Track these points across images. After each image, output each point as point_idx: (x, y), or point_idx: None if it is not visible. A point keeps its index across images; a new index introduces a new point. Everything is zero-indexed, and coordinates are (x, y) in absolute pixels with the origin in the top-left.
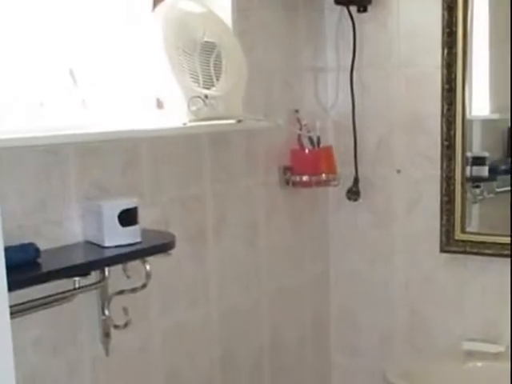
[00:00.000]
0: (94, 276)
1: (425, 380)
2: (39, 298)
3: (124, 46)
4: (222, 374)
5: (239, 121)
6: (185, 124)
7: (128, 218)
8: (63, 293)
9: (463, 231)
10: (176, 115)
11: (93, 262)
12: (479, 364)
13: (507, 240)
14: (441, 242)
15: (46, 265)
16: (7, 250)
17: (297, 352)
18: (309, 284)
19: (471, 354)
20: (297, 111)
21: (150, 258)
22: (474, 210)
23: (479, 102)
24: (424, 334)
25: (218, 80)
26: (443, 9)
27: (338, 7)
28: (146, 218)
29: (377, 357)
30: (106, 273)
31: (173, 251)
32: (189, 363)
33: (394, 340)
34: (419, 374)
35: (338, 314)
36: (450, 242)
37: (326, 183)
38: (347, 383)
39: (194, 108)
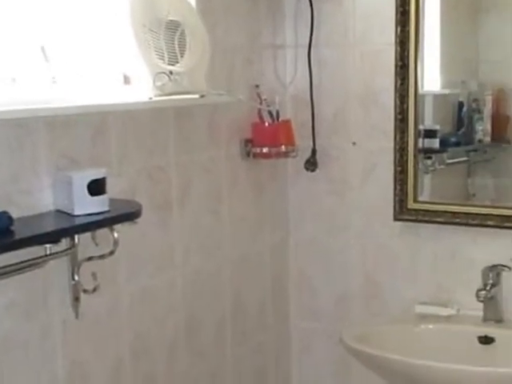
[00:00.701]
0: (65, 243)
1: (379, 342)
2: (12, 264)
3: (93, 24)
4: (186, 337)
5: (202, 96)
6: (151, 98)
7: (97, 187)
8: (35, 259)
9: (415, 200)
10: (142, 90)
11: (63, 230)
12: (431, 326)
13: (457, 208)
14: (394, 210)
15: (19, 232)
16: None
17: (258, 316)
18: (269, 251)
19: (423, 317)
20: (257, 86)
21: (118, 226)
22: (426, 180)
23: (431, 77)
24: (378, 299)
25: (182, 57)
26: None
27: None
28: (113, 188)
29: (334, 320)
30: (76, 240)
31: (139, 220)
32: (155, 326)
33: (350, 304)
34: (374, 336)
35: (296, 279)
36: (403, 211)
37: (285, 155)
38: (306, 345)
39: (159, 83)
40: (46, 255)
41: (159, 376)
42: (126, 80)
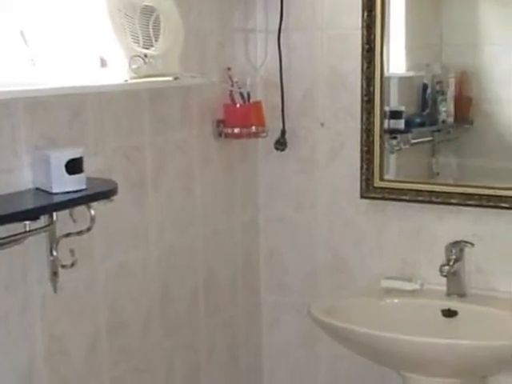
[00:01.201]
0: (43, 220)
1: (346, 315)
2: None
3: (71, 9)
4: (160, 310)
5: (176, 78)
6: (126, 81)
7: (74, 166)
8: (15, 235)
9: (381, 179)
10: (118, 73)
11: (42, 207)
12: (396, 300)
13: (422, 187)
14: (361, 189)
15: None
16: None
17: (229, 290)
18: (240, 227)
19: (389, 291)
20: (229, 69)
21: (95, 204)
22: (392, 160)
23: (396, 60)
24: (345, 273)
25: (156, 40)
26: None
27: None
28: (90, 167)
29: (302, 294)
30: (54, 217)
31: (115, 198)
32: (130, 300)
33: (318, 279)
34: (341, 310)
35: (266, 255)
36: (369, 189)
37: (256, 135)
38: (275, 318)
39: (134, 66)
40: (26, 232)
41: (134, 348)
42: (103, 63)
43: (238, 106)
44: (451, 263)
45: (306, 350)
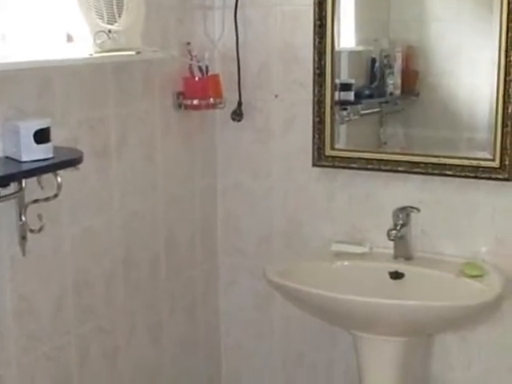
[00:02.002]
0: (13, 187)
1: (299, 277)
2: None
3: None
4: (123, 272)
5: (138, 52)
6: (91, 55)
7: (42, 136)
8: None
9: (332, 148)
10: (84, 48)
11: (11, 175)
12: (346, 263)
13: (371, 155)
14: (313, 157)
15: None
16: None
17: (188, 253)
18: (199, 194)
19: (339, 255)
20: (188, 44)
21: (61, 172)
22: (342, 130)
23: (346, 35)
24: (298, 238)
25: (119, 17)
26: None
27: None
28: (57, 137)
29: (258, 257)
30: (23, 184)
31: (81, 166)
32: (95, 263)
33: (272, 243)
34: (294, 272)
35: (224, 220)
36: (321, 158)
37: (214, 106)
38: (232, 280)
39: (99, 41)
40: None
41: (99, 308)
42: (69, 38)
43: (196, 78)
44: (398, 228)
45: (260, 311)
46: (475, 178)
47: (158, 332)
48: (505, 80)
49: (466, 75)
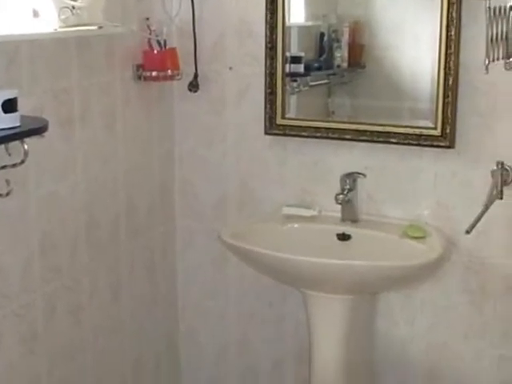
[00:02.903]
0: None
1: (252, 238)
2: None
3: None
4: (86, 234)
5: (100, 27)
6: (56, 30)
7: (10, 106)
8: None
9: (283, 117)
10: (49, 22)
11: None
12: (296, 225)
13: (319, 124)
14: (265, 126)
15: None
16: None
17: (148, 216)
18: (157, 161)
19: (289, 217)
20: (147, 19)
21: (28, 139)
22: (292, 100)
23: (297, 11)
24: (251, 202)
25: None
26: None
27: None
28: (24, 107)
29: (213, 221)
30: None
31: (46, 134)
32: (60, 225)
33: (227, 206)
34: (247, 234)
35: (181, 185)
36: (272, 126)
37: (171, 78)
38: (189, 242)
39: (63, 17)
40: None
41: (64, 268)
42: (35, 14)
43: (155, 52)
44: (345, 192)
45: (216, 270)
46: (418, 145)
47: (118, 290)
48: (446, 53)
49: (410, 48)
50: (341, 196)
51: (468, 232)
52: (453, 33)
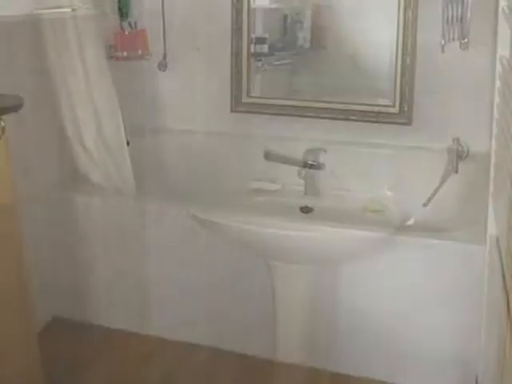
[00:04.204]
0: None
1: (223, 212)
2: None
3: None
4: None
5: (74, 9)
6: (31, 11)
7: None
8: None
9: (249, 96)
10: (26, 4)
11: None
12: (262, 199)
13: (283, 102)
14: (231, 104)
15: None
16: None
17: None
18: (128, 137)
19: (256, 191)
20: (119, 2)
21: (4, 116)
22: (257, 80)
23: None
24: (221, 177)
25: None
26: None
27: None
28: (1, 85)
29: (184, 195)
30: None
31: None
32: None
33: (197, 181)
34: (219, 208)
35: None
36: (238, 104)
37: (142, 57)
38: (161, 215)
39: None
40: None
41: None
42: None
43: (126, 33)
44: (308, 167)
45: (187, 244)
46: (377, 122)
47: (94, 262)
48: (403, 34)
49: (369, 30)
50: (303, 171)
51: (425, 205)
52: (410, 14)
